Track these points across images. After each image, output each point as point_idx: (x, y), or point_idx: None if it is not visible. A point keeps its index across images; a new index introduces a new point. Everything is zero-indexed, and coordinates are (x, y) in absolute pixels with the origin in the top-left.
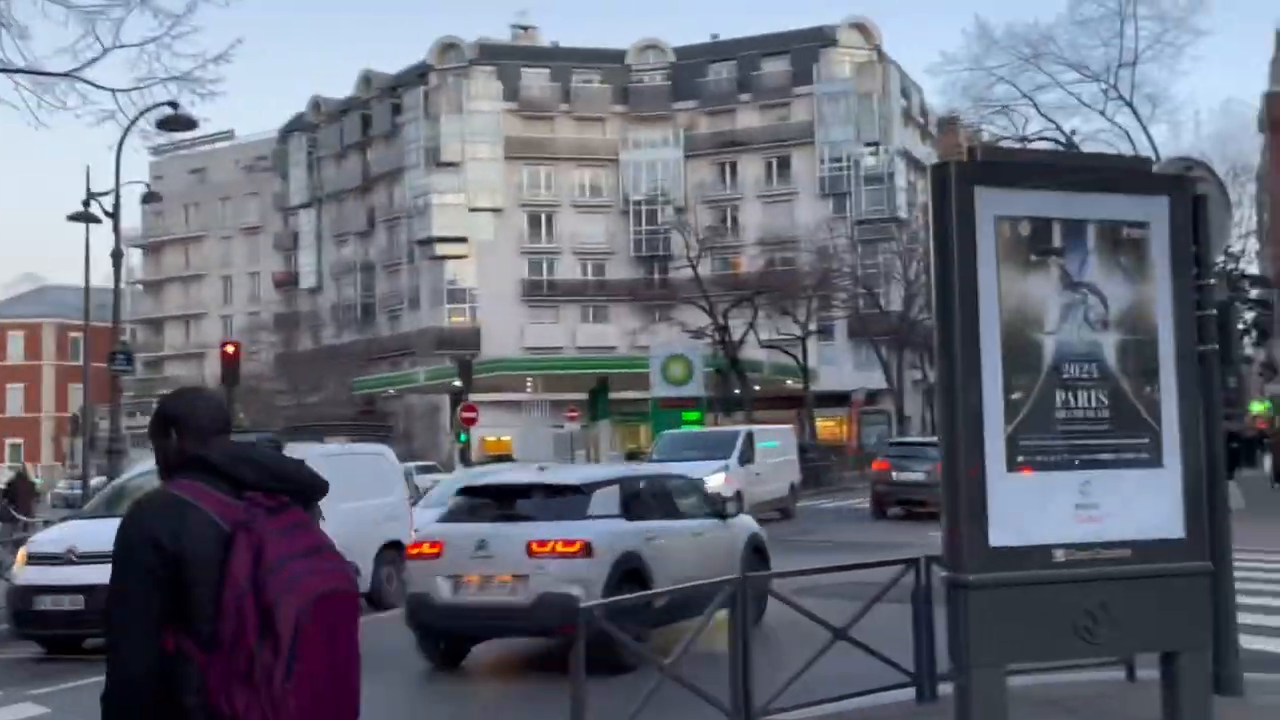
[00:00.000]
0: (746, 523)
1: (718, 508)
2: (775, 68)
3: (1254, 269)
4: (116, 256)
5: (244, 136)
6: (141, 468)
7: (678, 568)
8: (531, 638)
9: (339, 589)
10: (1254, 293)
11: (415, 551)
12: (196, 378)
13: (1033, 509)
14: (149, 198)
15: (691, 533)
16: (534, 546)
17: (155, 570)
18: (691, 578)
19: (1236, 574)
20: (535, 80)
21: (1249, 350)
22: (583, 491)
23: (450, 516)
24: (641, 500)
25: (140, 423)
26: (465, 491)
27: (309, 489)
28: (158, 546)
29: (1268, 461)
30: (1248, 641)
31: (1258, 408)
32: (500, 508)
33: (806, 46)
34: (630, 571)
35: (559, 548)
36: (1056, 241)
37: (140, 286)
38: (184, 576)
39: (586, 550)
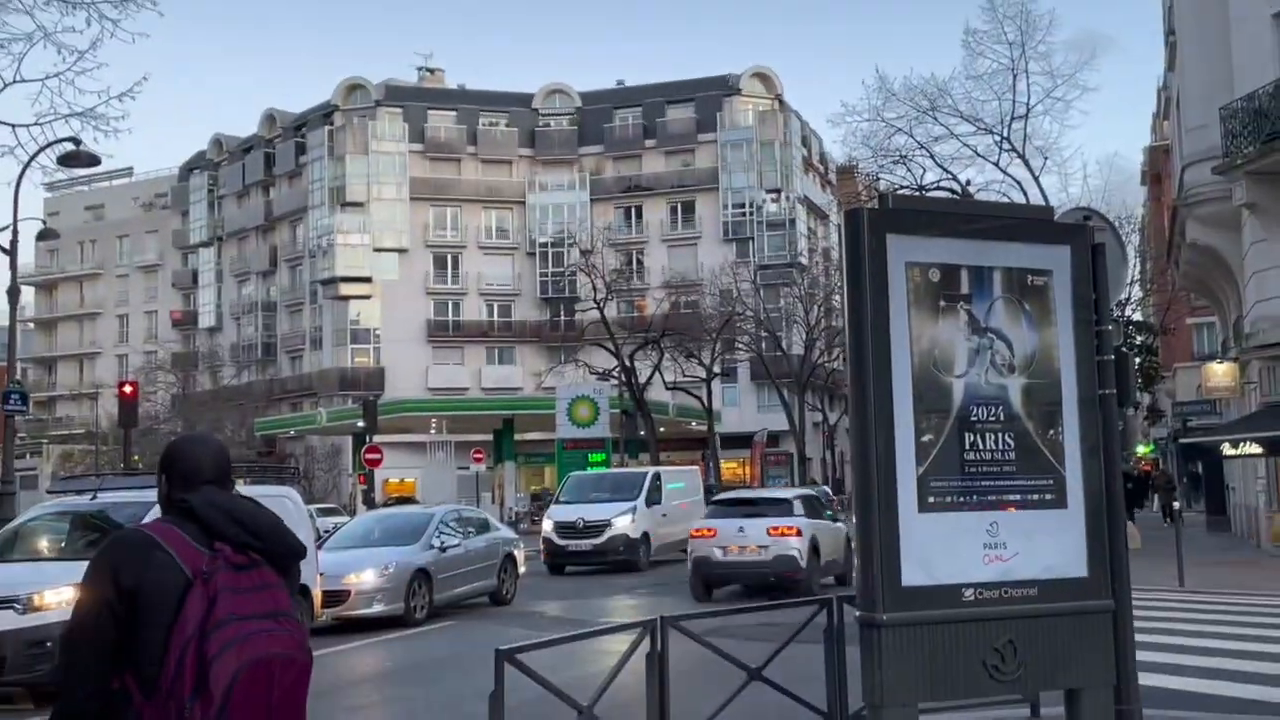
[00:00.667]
0: (842, 523)
1: (833, 513)
2: (680, 115)
3: (1137, 316)
4: (14, 294)
5: (143, 173)
6: (35, 511)
7: (826, 545)
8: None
9: (282, 655)
10: (1139, 339)
11: (697, 533)
12: (90, 418)
13: (943, 549)
14: (45, 234)
15: (829, 527)
16: (771, 530)
17: (112, 605)
18: (831, 552)
19: (1135, 611)
20: (442, 122)
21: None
22: (789, 500)
23: (713, 514)
24: (811, 506)
25: (30, 464)
26: (717, 502)
27: (282, 552)
28: (117, 582)
29: (1156, 501)
30: (1145, 678)
31: (1143, 450)
32: (745, 509)
33: (710, 95)
34: (814, 546)
35: (785, 531)
36: (964, 288)
37: (31, 325)
38: (138, 615)
39: (799, 533)
